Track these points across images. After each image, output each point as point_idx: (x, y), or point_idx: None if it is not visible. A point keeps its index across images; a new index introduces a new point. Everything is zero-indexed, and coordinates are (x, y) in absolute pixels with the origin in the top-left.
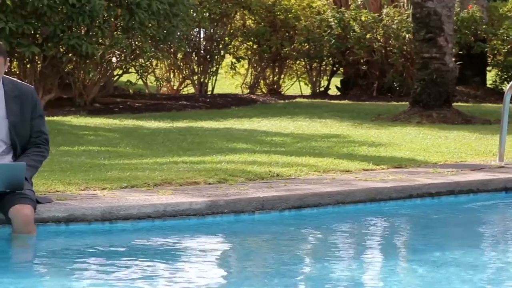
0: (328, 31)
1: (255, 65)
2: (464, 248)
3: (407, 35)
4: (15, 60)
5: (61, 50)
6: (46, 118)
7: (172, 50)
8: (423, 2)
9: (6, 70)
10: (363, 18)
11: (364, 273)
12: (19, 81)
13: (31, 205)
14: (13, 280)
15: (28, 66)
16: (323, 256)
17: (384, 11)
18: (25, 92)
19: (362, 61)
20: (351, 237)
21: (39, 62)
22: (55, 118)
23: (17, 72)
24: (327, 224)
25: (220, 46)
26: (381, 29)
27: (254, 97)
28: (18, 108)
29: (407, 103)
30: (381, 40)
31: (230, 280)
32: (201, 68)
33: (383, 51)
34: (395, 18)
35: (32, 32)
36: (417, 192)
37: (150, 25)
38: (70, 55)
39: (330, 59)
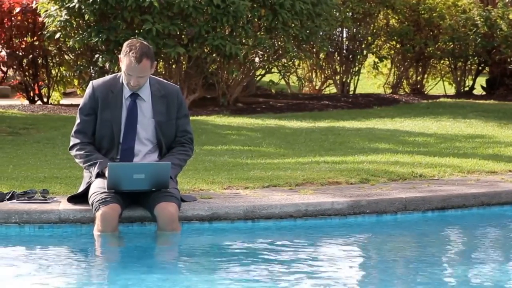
0: (474, 30)
1: (398, 64)
2: None
3: None
4: (161, 60)
5: (206, 50)
6: (191, 118)
7: (314, 50)
8: None
9: (153, 71)
10: (510, 17)
11: (509, 278)
12: (165, 81)
13: (175, 203)
14: (158, 276)
15: (174, 66)
16: (467, 258)
17: None
18: (171, 92)
19: (509, 60)
20: (496, 240)
21: (184, 62)
22: (199, 117)
23: (163, 72)
24: (471, 225)
25: (363, 46)
26: None
27: (397, 97)
28: (164, 108)
29: None
30: None
31: (371, 281)
32: (344, 68)
33: None
34: None
35: (178, 33)
36: None
37: (293, 25)
38: (214, 55)
39: (476, 58)
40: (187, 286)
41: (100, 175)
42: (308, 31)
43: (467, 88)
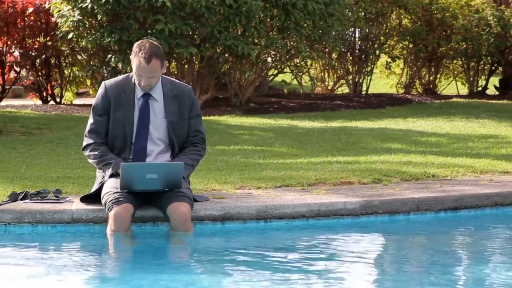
0: (487, 30)
1: (410, 64)
2: None
3: None
4: (173, 60)
5: (218, 50)
6: (203, 118)
7: (327, 50)
8: None
9: (165, 71)
10: None
11: None
12: (177, 81)
13: (188, 203)
14: (171, 276)
15: (186, 66)
16: (480, 258)
17: None
18: (183, 92)
19: None
20: (510, 240)
21: (196, 62)
22: (211, 117)
23: (176, 72)
24: (484, 226)
25: (375, 46)
26: None
27: (410, 97)
28: (176, 108)
29: None
30: None
31: (384, 281)
32: (356, 68)
33: None
34: None
35: (190, 33)
36: None
37: (305, 25)
38: (226, 55)
39: (489, 58)
40: (200, 286)
41: (114, 175)
42: (320, 31)
43: (480, 88)
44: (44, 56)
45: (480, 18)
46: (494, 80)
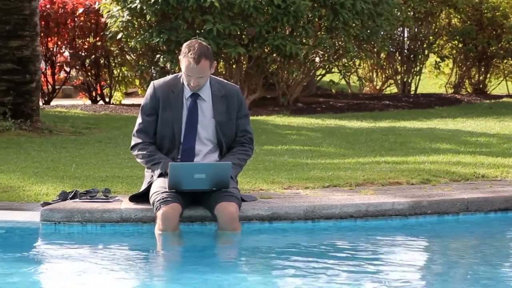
0: None
1: (460, 64)
2: None
3: None
4: (221, 60)
5: (266, 50)
6: (251, 118)
7: (375, 49)
8: None
9: (213, 71)
10: None
11: None
12: (225, 81)
13: (236, 203)
14: (218, 275)
15: (234, 66)
16: None
17: None
18: (231, 92)
19: None
20: None
21: (244, 62)
22: (259, 117)
23: (224, 72)
24: None
25: (424, 45)
26: None
27: (459, 97)
28: (224, 108)
29: None
30: None
31: (432, 282)
32: (405, 68)
33: None
34: None
35: (238, 33)
36: None
37: (353, 24)
38: (274, 55)
39: None
40: (247, 285)
41: (163, 175)
42: (369, 31)
43: None
44: (93, 56)
45: None
46: None
